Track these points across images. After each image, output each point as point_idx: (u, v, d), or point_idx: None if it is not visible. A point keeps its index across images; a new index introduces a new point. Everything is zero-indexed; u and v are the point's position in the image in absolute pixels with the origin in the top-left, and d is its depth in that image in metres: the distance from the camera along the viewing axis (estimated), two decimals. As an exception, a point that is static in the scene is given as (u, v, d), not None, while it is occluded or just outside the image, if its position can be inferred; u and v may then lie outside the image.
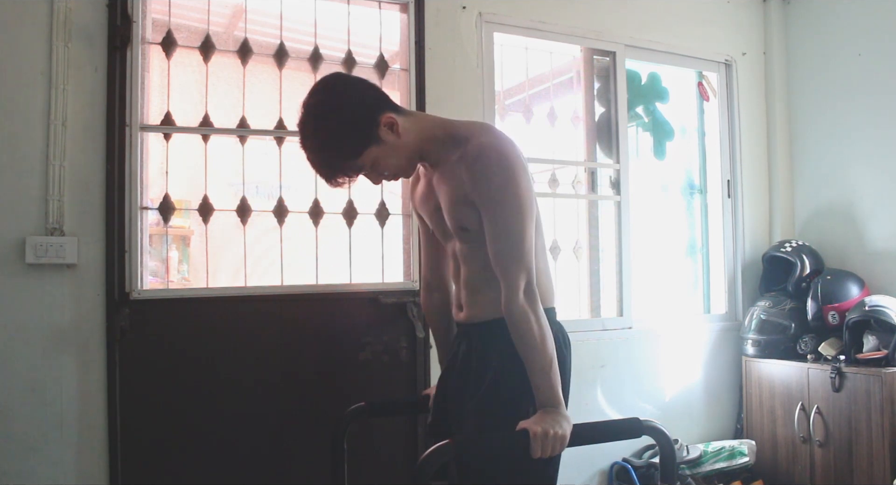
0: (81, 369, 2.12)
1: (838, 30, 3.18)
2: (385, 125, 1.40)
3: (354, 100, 1.41)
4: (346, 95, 1.41)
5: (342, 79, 1.51)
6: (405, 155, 1.46)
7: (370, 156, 1.41)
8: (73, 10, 2.13)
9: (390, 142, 1.42)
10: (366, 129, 1.39)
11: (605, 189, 3.08)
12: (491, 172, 1.37)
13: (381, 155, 1.42)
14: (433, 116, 1.55)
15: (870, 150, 3.04)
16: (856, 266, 3.02)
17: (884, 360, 2.60)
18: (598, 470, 2.86)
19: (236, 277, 2.40)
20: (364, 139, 1.39)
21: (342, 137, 1.38)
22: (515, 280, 1.37)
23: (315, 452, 2.19)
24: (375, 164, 1.43)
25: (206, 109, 2.36)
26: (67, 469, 2.09)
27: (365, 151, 1.40)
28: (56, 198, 2.09)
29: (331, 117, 1.39)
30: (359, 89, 1.43)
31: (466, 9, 2.71)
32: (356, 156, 1.40)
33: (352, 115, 1.39)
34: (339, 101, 1.40)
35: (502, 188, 1.37)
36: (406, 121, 1.45)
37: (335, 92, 1.43)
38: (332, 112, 1.39)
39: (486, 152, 1.39)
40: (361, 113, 1.39)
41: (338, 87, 1.44)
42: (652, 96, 3.29)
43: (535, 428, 1.28)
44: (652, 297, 3.23)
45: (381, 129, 1.40)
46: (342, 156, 1.40)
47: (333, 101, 1.41)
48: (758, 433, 3.05)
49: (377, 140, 1.40)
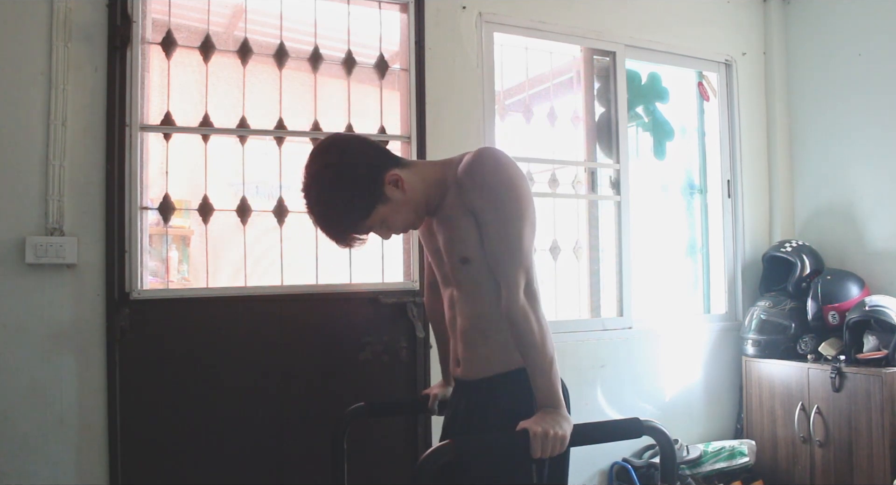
0: (81, 368, 2.12)
1: (838, 30, 3.18)
2: (390, 183, 1.40)
3: (358, 161, 1.39)
4: (349, 158, 1.39)
5: (343, 140, 1.47)
6: (412, 209, 1.45)
7: (378, 216, 1.41)
8: (73, 10, 2.13)
9: (397, 198, 1.41)
10: (371, 190, 1.38)
11: (605, 189, 3.08)
12: (487, 174, 1.37)
13: (389, 213, 1.41)
14: (432, 162, 1.52)
15: (870, 150, 3.04)
16: (856, 266, 3.02)
17: (884, 360, 2.60)
18: (598, 470, 2.86)
19: (236, 277, 2.40)
20: (371, 201, 1.38)
21: (348, 202, 1.37)
22: (515, 280, 1.37)
23: (315, 452, 2.19)
24: (384, 222, 1.42)
25: (206, 109, 2.36)
26: (67, 469, 2.09)
27: (373, 212, 1.39)
28: (56, 198, 2.09)
29: (335, 183, 1.36)
30: (361, 150, 1.42)
31: (466, 9, 2.71)
32: (364, 218, 1.39)
33: (356, 179, 1.37)
34: (342, 164, 1.38)
35: (500, 191, 1.37)
36: (409, 174, 1.43)
37: (337, 155, 1.40)
38: (337, 177, 1.37)
39: (480, 158, 1.38)
40: (365, 174, 1.38)
41: (340, 150, 1.41)
42: (652, 96, 3.29)
43: (536, 428, 1.28)
44: (652, 297, 3.23)
45: (387, 187, 1.39)
46: (350, 220, 1.39)
47: (337, 166, 1.38)
48: (758, 433, 3.05)
49: (383, 199, 1.39)
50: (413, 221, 1.47)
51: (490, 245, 1.40)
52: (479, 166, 1.38)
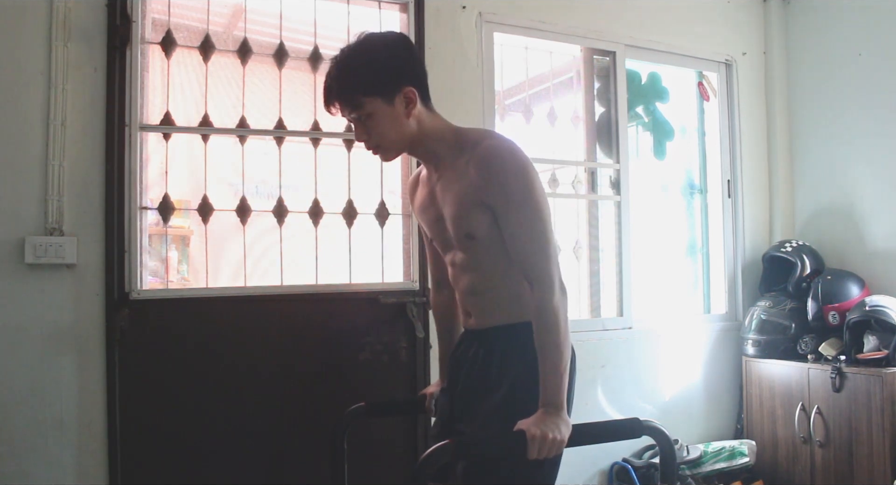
0: (81, 369, 2.11)
1: (838, 30, 3.18)
2: (404, 95, 1.42)
3: (399, 56, 1.44)
4: (395, 49, 1.45)
5: (403, 37, 1.53)
6: (400, 133, 1.45)
7: (373, 105, 1.41)
8: (73, 10, 2.13)
9: (397, 111, 1.42)
10: (387, 81, 1.41)
11: (605, 189, 3.08)
12: (508, 174, 1.37)
13: (381, 114, 1.42)
14: (448, 123, 1.54)
15: (870, 149, 3.04)
16: (856, 266, 3.02)
17: (884, 360, 2.59)
18: (598, 470, 2.86)
19: (236, 277, 2.40)
20: (379, 87, 1.40)
21: (363, 69, 1.40)
22: (549, 276, 1.37)
23: (315, 452, 2.19)
24: (371, 116, 1.42)
25: (206, 109, 2.36)
26: (67, 469, 2.09)
27: (372, 98, 1.40)
28: (55, 198, 2.09)
29: (370, 53, 1.42)
30: (407, 55, 1.46)
31: (466, 9, 2.71)
32: (363, 93, 1.40)
33: (385, 63, 1.41)
34: (387, 47, 1.45)
35: (522, 189, 1.37)
36: (425, 112, 1.47)
37: (388, 39, 1.49)
38: (375, 50, 1.43)
39: (499, 154, 1.39)
40: (393, 69, 1.42)
41: (394, 41, 1.48)
42: (652, 96, 3.29)
43: (534, 431, 1.27)
44: (652, 297, 3.23)
45: (399, 95, 1.42)
46: (352, 84, 1.41)
47: (383, 45, 1.45)
48: (758, 433, 3.05)
49: (389, 99, 1.41)
50: (391, 143, 1.47)
51: (518, 244, 1.41)
52: (499, 164, 1.38)
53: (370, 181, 2.56)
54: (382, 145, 1.47)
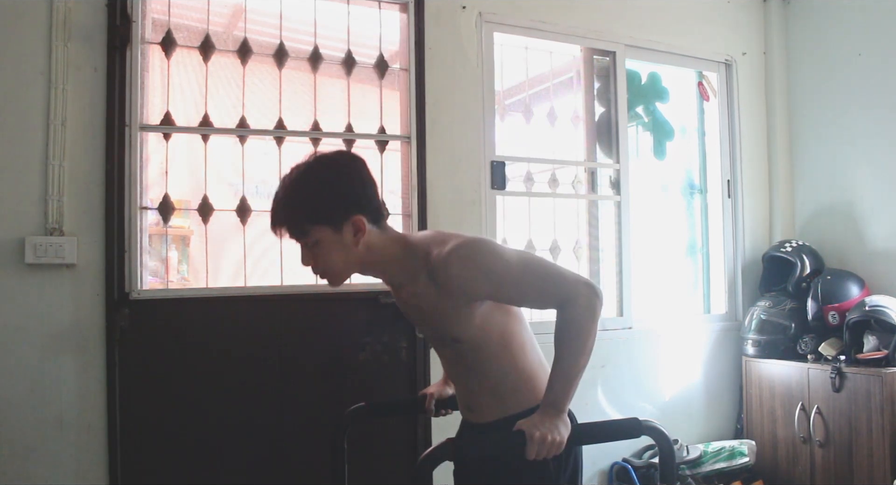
0: (81, 368, 2.12)
1: (838, 30, 3.17)
2: (352, 224, 1.38)
3: (347, 185, 1.39)
4: (344, 177, 1.40)
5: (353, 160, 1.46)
6: (348, 261, 1.42)
7: (320, 234, 1.37)
8: (73, 10, 2.13)
9: (345, 240, 1.38)
10: (334, 211, 1.37)
11: (605, 189, 3.08)
12: (471, 266, 1.34)
13: (328, 242, 1.38)
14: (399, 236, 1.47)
15: (870, 149, 3.04)
16: (856, 266, 3.02)
17: (884, 360, 2.59)
18: (598, 470, 2.86)
19: (236, 277, 2.40)
20: (326, 216, 1.37)
21: (309, 198, 1.37)
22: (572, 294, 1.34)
23: (315, 452, 2.19)
24: (318, 245, 1.39)
25: (206, 109, 2.36)
26: (67, 469, 2.09)
27: (319, 227, 1.37)
28: (56, 198, 2.09)
29: (318, 181, 1.38)
30: (357, 182, 1.41)
31: (466, 9, 2.71)
32: (309, 222, 1.37)
33: (333, 193, 1.37)
34: (335, 176, 1.40)
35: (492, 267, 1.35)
36: (376, 233, 1.41)
37: (338, 165, 1.43)
38: (323, 179, 1.39)
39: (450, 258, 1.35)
40: (341, 198, 1.38)
41: (344, 168, 1.42)
42: (652, 96, 3.29)
43: (534, 432, 1.27)
44: (652, 297, 3.23)
45: (347, 224, 1.38)
46: (298, 212, 1.37)
47: (332, 173, 1.40)
48: (758, 433, 3.05)
49: (337, 228, 1.38)
50: (340, 270, 1.44)
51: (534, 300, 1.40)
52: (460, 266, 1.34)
53: (370, 181, 2.56)
54: (328, 273, 1.44)
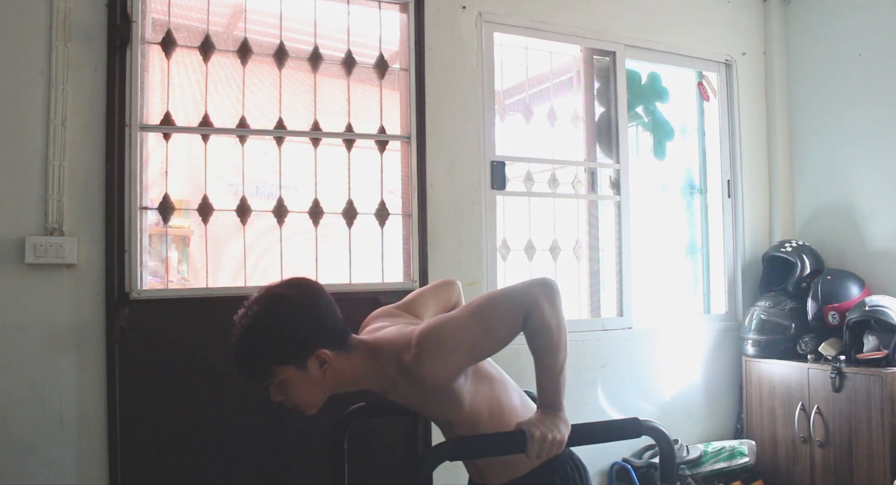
0: (81, 368, 2.12)
1: (838, 30, 3.17)
2: (317, 358, 1.35)
3: (305, 322, 1.36)
4: (300, 316, 1.36)
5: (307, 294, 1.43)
6: (318, 391, 1.39)
7: (284, 374, 1.35)
8: (73, 10, 2.13)
9: (312, 374, 1.36)
10: (296, 350, 1.34)
11: (605, 189, 3.08)
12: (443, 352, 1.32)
13: (295, 380, 1.35)
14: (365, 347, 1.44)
15: (870, 149, 3.04)
16: (856, 266, 3.02)
17: (884, 360, 2.59)
18: (598, 470, 2.86)
19: (236, 277, 2.40)
20: (287, 358, 1.34)
21: (270, 344, 1.33)
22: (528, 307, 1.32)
23: (315, 452, 2.19)
24: (284, 384, 1.36)
25: (206, 109, 2.36)
26: (67, 469, 2.09)
27: (283, 368, 1.34)
28: (56, 198, 2.09)
29: (274, 325, 1.34)
30: (315, 316, 1.38)
31: (466, 9, 2.71)
32: (272, 364, 1.34)
33: (290, 333, 1.34)
34: (291, 317, 1.36)
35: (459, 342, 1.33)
36: (343, 361, 1.39)
37: (292, 303, 1.39)
38: (279, 322, 1.35)
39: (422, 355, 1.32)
40: (301, 338, 1.34)
41: (296, 301, 1.39)
42: (652, 96, 3.29)
43: (534, 431, 1.27)
44: (652, 297, 3.23)
45: (311, 359, 1.35)
46: (259, 360, 1.34)
47: (285, 312, 1.37)
48: (758, 433, 3.05)
49: (301, 365, 1.34)
50: (311, 403, 1.41)
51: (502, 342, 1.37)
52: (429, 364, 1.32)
53: (370, 181, 2.56)
54: (301, 406, 1.41)
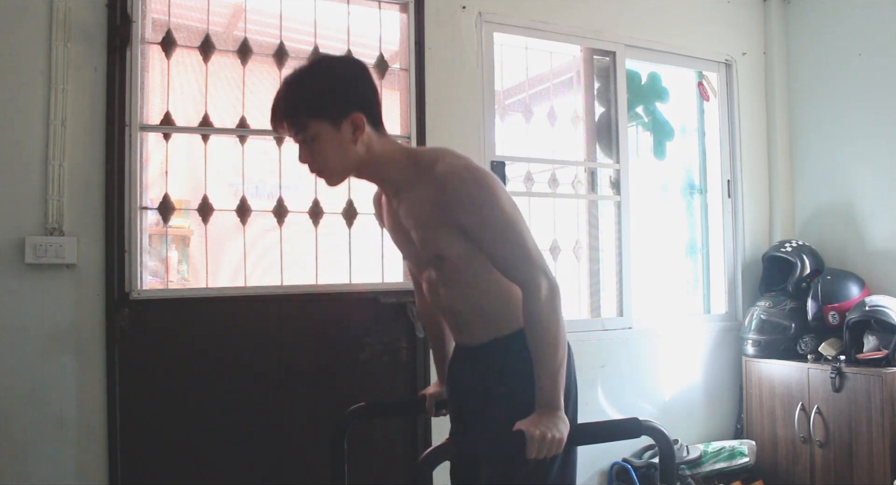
0: (81, 368, 2.12)
1: (838, 30, 3.17)
2: (351, 121, 1.39)
3: (350, 82, 1.41)
4: (347, 74, 1.42)
5: (356, 62, 1.49)
6: (345, 158, 1.41)
7: (319, 128, 1.38)
8: (73, 10, 2.13)
9: (344, 137, 1.39)
10: (335, 106, 1.38)
11: (605, 189, 3.08)
12: (470, 192, 1.35)
13: (326, 137, 1.38)
14: (400, 144, 1.49)
15: (870, 149, 3.04)
16: (856, 266, 3.02)
17: (884, 360, 2.59)
18: (598, 470, 2.86)
19: (236, 277, 2.40)
20: (326, 111, 1.37)
21: (312, 93, 1.38)
22: (534, 280, 1.36)
23: (315, 452, 2.19)
24: (317, 139, 1.39)
25: (206, 109, 2.36)
26: (67, 469, 2.09)
27: (318, 121, 1.37)
28: (56, 198, 2.09)
29: (321, 76, 1.41)
30: (359, 81, 1.43)
31: (466, 9, 2.71)
32: (308, 115, 1.37)
33: (334, 88, 1.39)
34: (338, 72, 1.43)
35: (487, 204, 1.36)
36: (375, 136, 1.43)
37: (340, 63, 1.48)
38: (326, 74, 1.41)
39: (456, 173, 1.36)
40: (342, 94, 1.39)
41: (347, 66, 1.46)
42: (652, 96, 3.29)
43: (533, 430, 1.28)
44: (652, 297, 3.23)
45: (346, 121, 1.38)
46: (299, 105, 1.38)
47: (335, 69, 1.44)
48: (758, 433, 3.05)
49: (336, 124, 1.38)
50: (336, 168, 1.43)
51: (497, 257, 1.40)
52: (458, 183, 1.35)
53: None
54: (325, 170, 1.44)
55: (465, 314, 1.52)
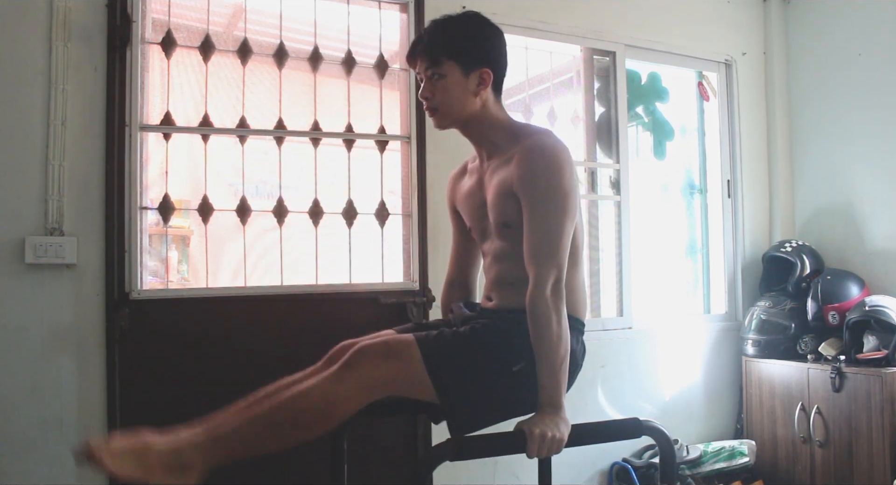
0: (81, 368, 2.12)
1: (838, 30, 3.18)
2: (480, 74, 1.51)
3: (491, 41, 1.56)
4: (491, 34, 1.57)
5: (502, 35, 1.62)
6: (462, 105, 1.53)
7: (449, 69, 1.50)
8: (73, 10, 2.13)
9: (469, 85, 1.51)
10: (471, 54, 1.51)
11: (605, 189, 3.08)
12: (540, 167, 1.42)
13: (453, 80, 1.50)
14: (510, 115, 1.62)
15: (870, 149, 3.04)
16: (856, 266, 3.02)
17: (884, 360, 2.59)
18: (598, 470, 2.86)
19: (236, 277, 2.40)
20: (462, 56, 1.50)
21: (456, 36, 1.52)
22: (545, 275, 1.39)
23: (315, 452, 2.19)
24: (443, 79, 1.50)
25: (206, 109, 2.36)
26: (67, 469, 2.09)
27: (452, 63, 1.50)
28: (56, 198, 2.09)
29: (469, 25, 1.55)
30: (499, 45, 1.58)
31: (466, 9, 2.70)
32: (446, 55, 1.50)
33: (477, 39, 1.53)
34: (484, 28, 1.57)
35: (548, 185, 1.41)
36: (492, 99, 1.55)
37: (490, 25, 1.61)
38: (474, 25, 1.56)
39: (541, 149, 1.44)
40: (481, 47, 1.53)
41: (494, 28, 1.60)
42: (652, 96, 3.29)
43: (534, 430, 1.28)
44: (652, 297, 3.23)
45: (476, 72, 1.51)
46: (440, 42, 1.51)
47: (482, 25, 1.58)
48: (758, 433, 3.05)
49: (466, 71, 1.50)
50: (453, 110, 1.54)
51: (530, 237, 1.43)
52: (536, 158, 1.43)
53: (370, 181, 2.56)
54: (441, 109, 1.54)
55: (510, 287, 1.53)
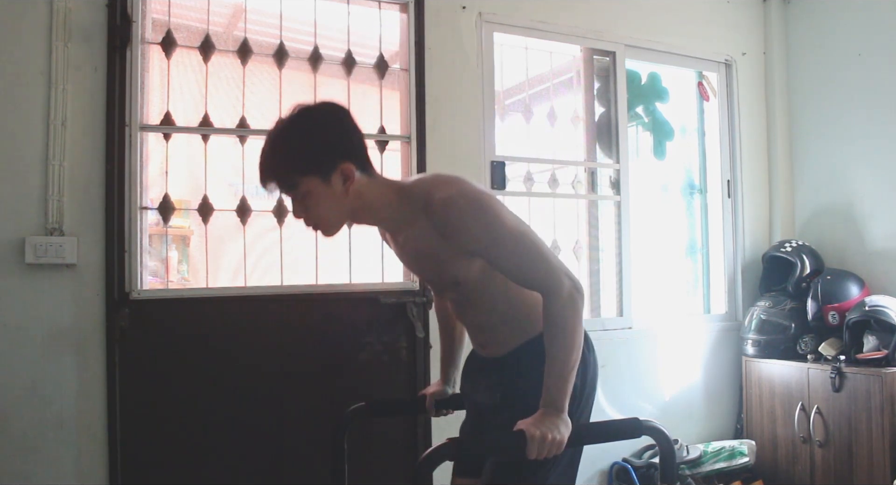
0: (81, 368, 2.12)
1: (838, 30, 3.18)
2: (341, 172, 1.36)
3: (333, 132, 1.39)
4: (329, 125, 1.40)
5: (337, 110, 1.45)
6: (339, 210, 1.40)
7: (309, 185, 1.36)
8: (73, 10, 2.13)
9: (335, 189, 1.37)
10: (322, 160, 1.36)
11: (605, 189, 3.08)
12: (470, 219, 1.34)
13: (318, 192, 1.37)
14: (391, 181, 1.48)
15: (870, 149, 3.04)
16: (856, 266, 3.02)
17: (884, 360, 2.59)
18: (598, 470, 2.86)
19: (236, 277, 2.40)
20: (314, 167, 1.36)
21: (297, 150, 1.36)
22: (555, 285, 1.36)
23: (315, 452, 2.19)
24: (308, 196, 1.37)
25: (206, 109, 2.36)
26: (67, 469, 2.09)
27: (308, 178, 1.36)
28: (56, 198, 2.09)
29: (303, 131, 1.37)
30: (342, 129, 1.41)
31: (466, 9, 2.71)
32: (298, 173, 1.36)
33: (319, 142, 1.37)
34: (320, 124, 1.39)
35: (490, 226, 1.35)
36: (365, 181, 1.40)
37: (322, 114, 1.42)
38: (309, 128, 1.38)
39: (453, 202, 1.35)
40: (328, 147, 1.37)
41: (328, 116, 1.42)
42: (652, 96, 3.29)
43: (534, 431, 1.28)
44: (652, 297, 3.23)
45: (336, 173, 1.36)
46: (286, 164, 1.36)
47: (316, 122, 1.39)
48: (758, 433, 3.05)
49: (325, 178, 1.36)
50: (331, 221, 1.43)
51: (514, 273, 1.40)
52: (457, 214, 1.34)
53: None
54: (321, 224, 1.43)
55: (492, 330, 1.53)
